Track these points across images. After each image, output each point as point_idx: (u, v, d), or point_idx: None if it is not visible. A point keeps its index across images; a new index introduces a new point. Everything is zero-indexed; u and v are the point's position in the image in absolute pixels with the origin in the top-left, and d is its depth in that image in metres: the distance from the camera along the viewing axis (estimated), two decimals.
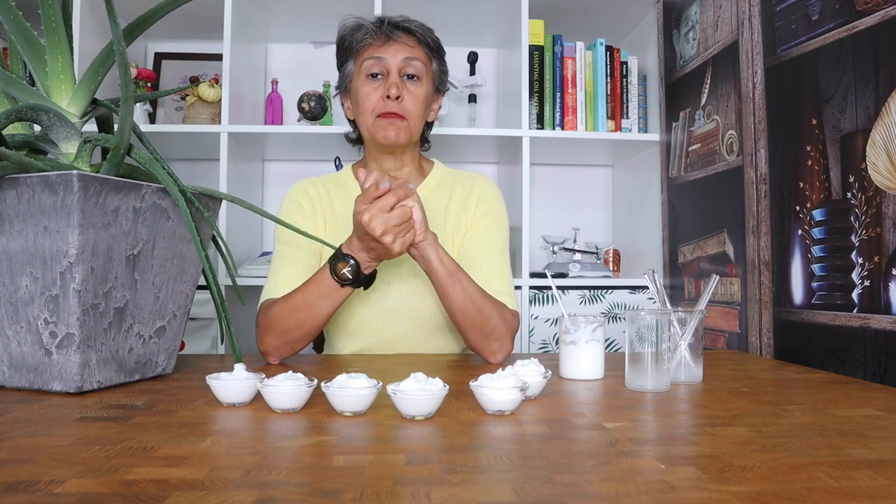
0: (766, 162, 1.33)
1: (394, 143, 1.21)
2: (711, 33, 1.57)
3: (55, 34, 0.86)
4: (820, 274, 1.16)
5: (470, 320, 1.09)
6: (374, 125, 1.20)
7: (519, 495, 0.47)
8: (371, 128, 1.21)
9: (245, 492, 0.48)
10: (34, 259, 0.81)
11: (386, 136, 1.19)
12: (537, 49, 1.93)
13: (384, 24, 1.21)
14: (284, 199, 1.30)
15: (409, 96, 1.20)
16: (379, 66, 1.20)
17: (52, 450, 0.58)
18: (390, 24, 1.21)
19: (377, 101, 1.19)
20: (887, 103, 1.00)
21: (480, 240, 1.23)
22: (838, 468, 0.54)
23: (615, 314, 1.87)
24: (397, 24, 1.21)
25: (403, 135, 1.20)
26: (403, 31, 1.21)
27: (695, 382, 0.95)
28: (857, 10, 1.07)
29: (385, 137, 1.20)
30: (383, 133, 1.19)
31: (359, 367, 1.02)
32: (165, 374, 0.97)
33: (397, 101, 1.18)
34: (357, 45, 1.22)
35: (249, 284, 1.76)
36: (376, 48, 1.20)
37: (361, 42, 1.21)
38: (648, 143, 1.94)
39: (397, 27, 1.21)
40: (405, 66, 1.20)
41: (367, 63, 1.20)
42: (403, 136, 1.20)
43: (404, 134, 1.20)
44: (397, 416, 0.71)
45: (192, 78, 2.07)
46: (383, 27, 1.20)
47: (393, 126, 1.19)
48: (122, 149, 0.85)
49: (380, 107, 1.19)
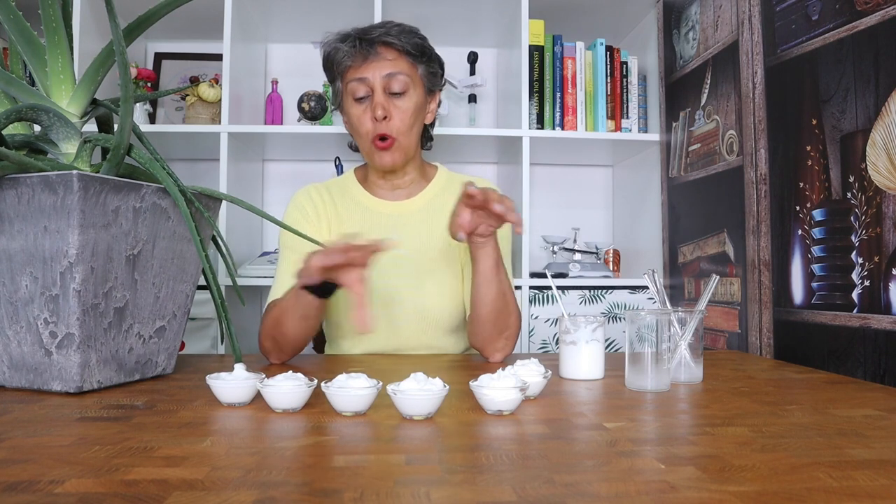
0: (766, 162, 1.33)
1: (391, 169, 1.24)
2: (711, 33, 1.57)
3: (55, 34, 0.86)
4: (820, 274, 1.16)
5: (493, 315, 1.12)
6: (370, 152, 1.22)
7: (519, 495, 0.47)
8: (367, 153, 1.23)
9: (245, 492, 0.48)
10: (34, 259, 0.81)
11: (382, 165, 1.22)
12: (537, 49, 1.93)
13: (360, 42, 1.18)
14: (289, 204, 1.30)
15: (397, 112, 1.19)
16: (363, 88, 1.19)
17: (52, 450, 0.58)
18: (366, 42, 1.18)
19: (368, 125, 1.19)
20: (887, 103, 1.00)
21: None
22: (838, 468, 0.54)
23: (615, 314, 1.87)
24: (373, 39, 1.18)
25: (399, 158, 1.22)
26: (381, 46, 1.18)
27: (695, 382, 0.95)
28: (857, 10, 1.07)
29: (382, 165, 1.22)
30: (379, 161, 1.22)
31: (359, 367, 1.02)
32: (165, 374, 0.97)
33: (385, 122, 1.18)
34: (338, 67, 1.21)
35: (249, 284, 1.76)
36: (356, 69, 1.19)
37: (341, 64, 1.20)
38: (648, 143, 1.94)
39: (373, 43, 1.18)
40: (388, 82, 1.18)
41: (352, 85, 1.20)
42: (399, 159, 1.22)
43: (399, 157, 1.22)
44: (397, 416, 0.71)
45: (192, 78, 2.07)
46: (360, 45, 1.18)
47: (388, 154, 1.21)
48: (122, 149, 0.85)
49: (371, 130, 1.19)
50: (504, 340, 1.14)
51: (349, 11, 1.87)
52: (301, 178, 2.14)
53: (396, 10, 1.87)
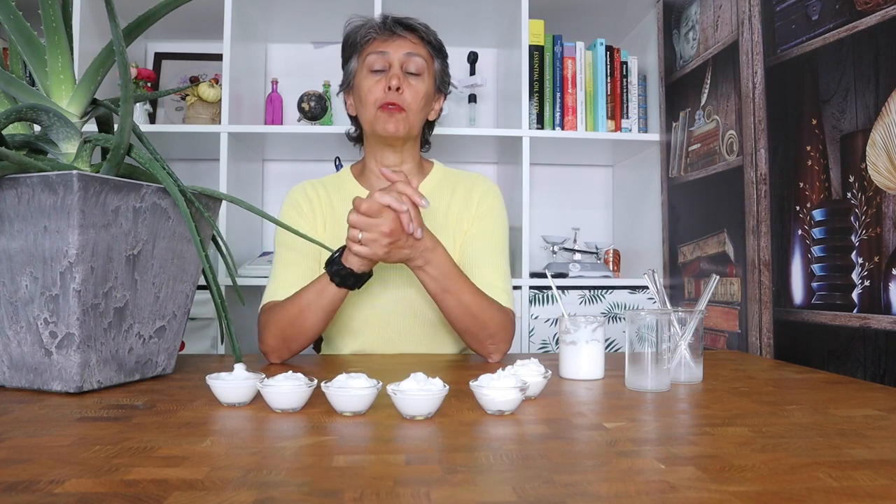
0: (766, 162, 1.33)
1: (393, 135, 1.22)
2: (711, 33, 1.57)
3: (55, 34, 0.86)
4: (820, 274, 1.16)
5: (464, 327, 1.12)
6: (376, 117, 1.22)
7: (519, 495, 0.47)
8: (372, 119, 1.22)
9: (245, 492, 0.48)
10: (34, 259, 0.81)
11: (386, 129, 1.21)
12: (537, 49, 1.93)
13: (388, 21, 1.24)
14: (284, 201, 1.30)
15: (410, 89, 1.22)
16: (382, 61, 1.22)
17: (52, 450, 0.58)
18: (394, 21, 1.24)
19: (379, 93, 1.21)
20: (887, 103, 1.00)
21: (480, 239, 1.24)
22: (838, 468, 0.54)
23: (615, 314, 1.87)
24: (401, 21, 1.24)
25: (403, 126, 1.21)
26: (407, 29, 1.24)
27: (695, 382, 0.95)
28: (857, 10, 1.07)
29: (385, 129, 1.21)
30: (383, 125, 1.21)
31: (359, 367, 1.02)
32: (165, 374, 0.97)
33: (398, 93, 1.20)
34: (361, 40, 1.24)
35: (249, 284, 1.76)
36: (380, 43, 1.23)
37: (365, 37, 1.23)
38: (648, 143, 1.94)
39: (401, 24, 1.24)
40: (407, 61, 1.22)
41: (371, 58, 1.22)
42: (403, 127, 1.21)
43: (403, 126, 1.21)
44: (397, 416, 0.71)
45: (192, 78, 2.07)
46: (387, 23, 1.23)
47: (392, 118, 1.21)
48: (122, 149, 0.85)
49: (381, 98, 1.21)
50: (492, 346, 1.13)
51: (349, 12, 1.85)
52: (301, 178, 2.11)
53: (396, 10, 1.86)
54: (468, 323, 1.10)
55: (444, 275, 1.07)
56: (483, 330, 1.11)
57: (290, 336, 1.10)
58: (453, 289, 1.08)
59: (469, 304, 1.09)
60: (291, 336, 1.10)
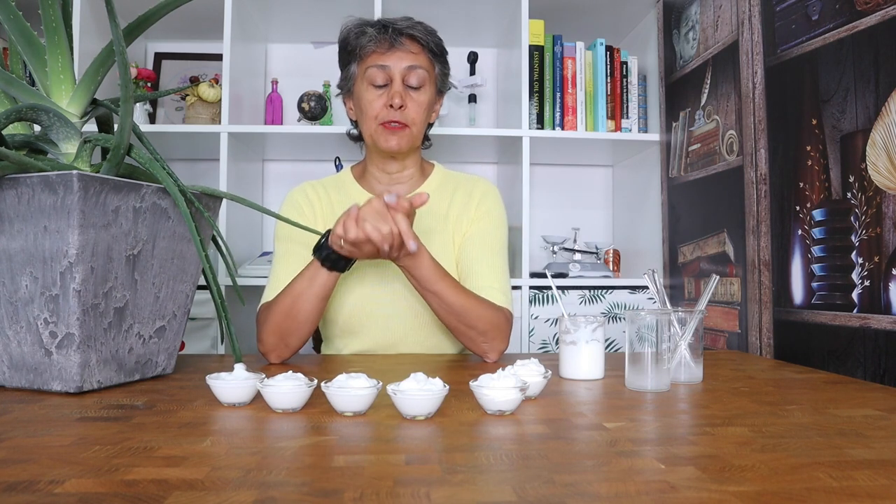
0: (766, 162, 1.33)
1: (396, 152, 1.23)
2: (711, 33, 1.57)
3: (55, 34, 0.86)
4: (820, 274, 1.16)
5: (452, 325, 1.13)
6: (377, 133, 1.21)
7: (519, 495, 0.47)
8: (373, 135, 1.22)
9: (245, 492, 0.48)
10: (34, 259, 0.81)
11: (388, 146, 1.21)
12: (537, 49, 1.93)
13: (388, 31, 1.20)
14: (284, 202, 1.30)
15: (412, 104, 1.21)
16: (383, 75, 1.19)
17: (52, 450, 0.58)
18: (394, 31, 1.20)
19: (380, 109, 1.20)
20: (887, 103, 1.00)
21: (478, 240, 1.24)
22: (838, 468, 0.54)
23: (615, 314, 1.87)
24: (401, 30, 1.20)
25: (406, 143, 1.22)
26: (407, 38, 1.21)
27: (695, 382, 0.95)
28: (857, 10, 1.07)
29: (388, 146, 1.21)
30: (385, 142, 1.21)
31: (359, 367, 1.02)
32: (165, 374, 0.97)
33: (400, 111, 1.19)
34: (361, 50, 1.21)
35: (249, 284, 1.76)
36: (380, 55, 1.20)
37: (365, 48, 1.20)
38: (648, 143, 1.94)
39: (401, 33, 1.20)
40: (408, 74, 1.20)
41: (371, 71, 1.20)
42: (405, 144, 1.22)
43: (406, 142, 1.22)
44: (397, 416, 0.71)
45: (192, 78, 2.07)
46: (387, 33, 1.19)
47: (395, 136, 1.20)
48: (122, 149, 0.85)
49: (383, 115, 1.20)
50: (484, 343, 1.13)
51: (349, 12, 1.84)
52: (301, 178, 2.12)
53: (396, 10, 1.86)
54: (454, 322, 1.12)
55: (426, 277, 1.08)
56: (471, 329, 1.12)
57: (287, 329, 1.10)
58: (436, 290, 1.09)
59: (452, 304, 1.10)
60: (288, 329, 1.10)
